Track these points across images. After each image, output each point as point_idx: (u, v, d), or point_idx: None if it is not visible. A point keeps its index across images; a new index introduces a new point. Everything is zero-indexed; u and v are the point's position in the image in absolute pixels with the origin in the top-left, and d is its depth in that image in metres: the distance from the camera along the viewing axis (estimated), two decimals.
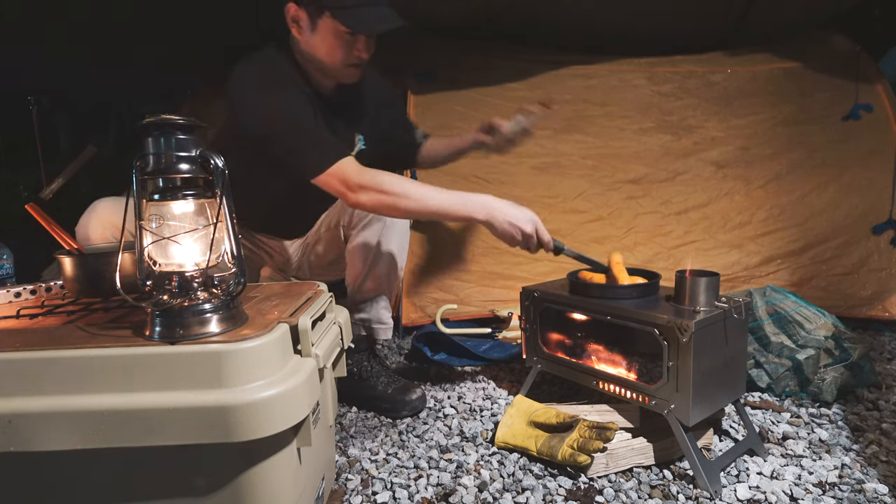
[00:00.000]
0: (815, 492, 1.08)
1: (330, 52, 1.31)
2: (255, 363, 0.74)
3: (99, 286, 1.00)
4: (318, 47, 1.31)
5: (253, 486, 0.76)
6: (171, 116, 0.76)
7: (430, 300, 2.10)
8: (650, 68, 2.39)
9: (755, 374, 1.52)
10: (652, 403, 1.17)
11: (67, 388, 0.72)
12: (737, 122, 2.33)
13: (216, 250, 0.80)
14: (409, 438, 1.35)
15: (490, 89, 2.30)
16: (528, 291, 1.43)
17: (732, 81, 2.38)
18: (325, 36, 1.29)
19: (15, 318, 0.90)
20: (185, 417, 0.70)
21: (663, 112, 2.34)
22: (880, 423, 1.35)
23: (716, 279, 1.16)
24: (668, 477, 1.14)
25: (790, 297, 1.61)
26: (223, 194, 0.77)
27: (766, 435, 1.30)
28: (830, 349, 1.48)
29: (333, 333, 1.00)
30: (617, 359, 1.30)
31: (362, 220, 1.46)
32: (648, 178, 2.28)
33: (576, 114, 2.32)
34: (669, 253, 2.19)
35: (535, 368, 1.45)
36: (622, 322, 1.21)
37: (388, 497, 1.11)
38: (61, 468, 0.75)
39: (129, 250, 0.82)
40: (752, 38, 2.43)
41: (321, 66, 1.34)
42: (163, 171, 0.78)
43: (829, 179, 2.23)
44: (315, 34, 1.30)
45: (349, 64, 1.34)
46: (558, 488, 1.12)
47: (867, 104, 2.25)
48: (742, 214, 2.23)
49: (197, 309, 0.77)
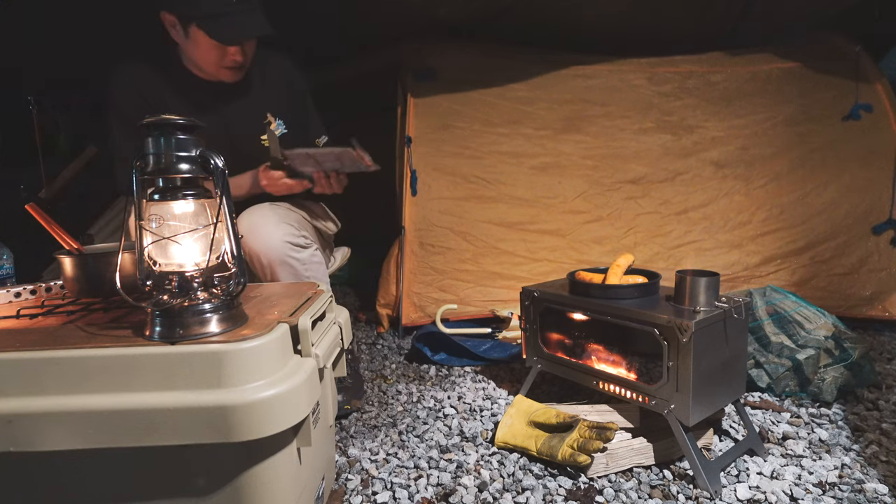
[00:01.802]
0: (815, 492, 1.08)
1: (203, 57, 1.37)
2: (255, 363, 0.73)
3: (99, 286, 1.00)
4: (192, 52, 1.38)
5: (253, 486, 0.76)
6: (170, 116, 0.76)
7: (430, 300, 2.10)
8: (650, 68, 2.39)
9: (755, 374, 1.52)
10: (652, 403, 1.17)
11: (67, 388, 0.72)
12: (737, 122, 2.33)
13: (216, 250, 0.80)
14: (409, 438, 1.35)
15: (490, 89, 2.30)
16: (528, 291, 1.43)
17: (732, 81, 2.38)
18: (196, 42, 1.35)
19: (15, 318, 0.90)
20: (185, 417, 0.70)
21: (663, 112, 2.34)
22: (880, 423, 1.35)
23: (716, 279, 1.16)
24: (668, 477, 1.14)
25: (790, 297, 1.61)
26: (223, 194, 0.77)
27: (766, 435, 1.30)
28: (830, 349, 1.48)
29: (333, 333, 1.00)
30: (617, 359, 1.30)
31: None
32: (648, 178, 2.28)
33: (576, 114, 2.32)
34: (669, 253, 2.19)
35: (535, 368, 1.45)
36: (622, 322, 1.21)
37: (388, 497, 1.11)
38: (61, 468, 0.75)
39: (129, 250, 0.82)
40: (752, 38, 2.43)
41: (198, 67, 1.41)
42: (163, 171, 0.78)
43: (829, 179, 2.23)
44: (188, 40, 1.36)
45: (225, 66, 1.39)
46: (558, 488, 1.12)
47: (867, 104, 2.25)
48: (742, 214, 2.23)
49: (197, 309, 0.77)
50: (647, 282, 1.29)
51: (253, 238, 1.35)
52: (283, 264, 1.37)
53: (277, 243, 1.36)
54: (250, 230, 1.36)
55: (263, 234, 1.36)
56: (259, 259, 1.37)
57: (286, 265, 1.37)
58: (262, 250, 1.35)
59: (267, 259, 1.36)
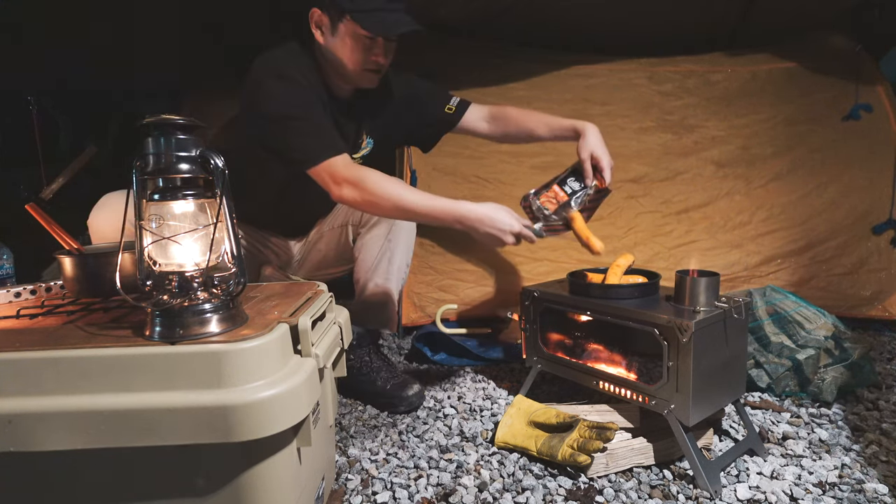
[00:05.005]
0: (815, 492, 1.08)
1: (349, 55, 1.35)
2: (255, 363, 0.74)
3: (99, 286, 1.00)
4: (338, 50, 1.35)
5: (253, 486, 0.76)
6: (170, 116, 0.76)
7: (430, 300, 2.10)
8: (651, 68, 2.39)
9: (755, 374, 1.52)
10: (652, 403, 1.17)
11: (67, 388, 0.72)
12: (737, 122, 2.33)
13: (216, 250, 0.80)
14: (409, 438, 1.35)
15: (490, 89, 2.30)
16: (528, 291, 1.43)
17: (733, 81, 2.37)
18: (344, 39, 1.33)
19: (15, 318, 0.90)
20: (185, 417, 0.70)
21: (664, 111, 2.34)
22: (880, 423, 1.35)
23: (716, 279, 1.16)
24: (668, 477, 1.14)
25: (790, 297, 1.61)
26: (223, 194, 0.77)
27: (766, 435, 1.30)
28: (830, 349, 1.48)
29: (333, 333, 1.00)
30: (617, 359, 1.30)
31: (371, 218, 1.53)
32: (649, 178, 2.28)
33: (576, 113, 2.31)
34: (669, 253, 2.19)
35: (535, 368, 1.45)
36: (622, 322, 1.21)
37: (388, 497, 1.11)
38: (61, 468, 0.75)
39: (129, 250, 0.82)
40: (752, 38, 2.43)
41: (341, 69, 1.38)
42: (163, 171, 0.78)
43: (829, 179, 2.23)
44: (336, 38, 1.34)
45: (367, 69, 1.37)
46: (558, 488, 1.12)
47: (867, 104, 2.25)
48: (742, 214, 2.23)
49: (197, 309, 0.77)
50: (647, 282, 1.29)
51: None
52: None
53: None
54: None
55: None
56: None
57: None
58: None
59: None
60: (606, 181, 1.38)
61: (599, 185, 1.39)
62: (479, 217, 1.23)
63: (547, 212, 1.35)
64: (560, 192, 1.38)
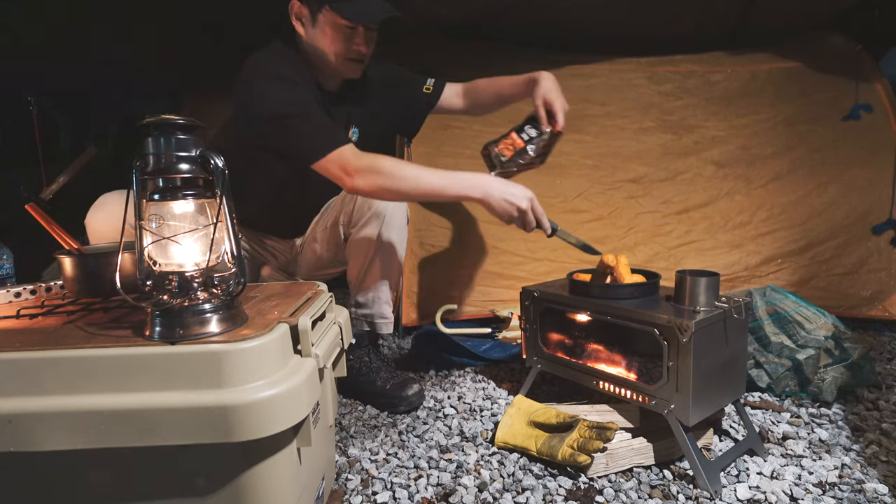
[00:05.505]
0: (815, 492, 1.08)
1: (330, 45, 1.35)
2: (255, 363, 0.74)
3: (99, 286, 1.00)
4: (319, 42, 1.35)
5: (253, 486, 0.76)
6: (170, 116, 0.76)
7: (429, 300, 2.10)
8: (650, 68, 2.39)
9: (755, 374, 1.52)
10: (652, 403, 1.17)
11: (67, 388, 0.72)
12: (737, 122, 2.32)
13: (216, 250, 0.80)
14: (409, 438, 1.35)
15: None
16: (528, 291, 1.43)
17: (733, 81, 2.37)
18: (325, 30, 1.33)
19: (15, 318, 0.90)
20: (184, 417, 0.70)
21: (664, 111, 2.34)
22: (880, 423, 1.35)
23: (716, 279, 1.16)
24: (668, 477, 1.14)
25: (790, 297, 1.61)
26: (223, 194, 0.77)
27: (766, 435, 1.30)
28: (830, 349, 1.48)
29: (333, 333, 1.00)
30: (617, 359, 1.30)
31: (361, 217, 1.49)
32: (649, 178, 2.28)
33: (576, 113, 2.31)
34: (669, 253, 2.19)
35: (535, 368, 1.45)
36: (622, 322, 1.21)
37: (388, 497, 1.11)
38: (61, 468, 0.75)
39: (129, 250, 0.82)
40: (752, 38, 2.43)
41: (323, 60, 1.38)
42: (163, 171, 0.78)
43: (829, 179, 2.23)
44: (316, 29, 1.34)
45: (349, 58, 1.37)
46: (558, 488, 1.12)
47: (867, 104, 2.25)
48: (742, 214, 2.23)
49: (197, 309, 0.77)
50: (647, 282, 1.29)
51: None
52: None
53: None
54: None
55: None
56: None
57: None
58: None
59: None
60: (559, 124, 1.45)
61: (553, 129, 1.45)
62: (499, 186, 1.31)
63: (504, 158, 1.44)
64: (517, 139, 1.46)
